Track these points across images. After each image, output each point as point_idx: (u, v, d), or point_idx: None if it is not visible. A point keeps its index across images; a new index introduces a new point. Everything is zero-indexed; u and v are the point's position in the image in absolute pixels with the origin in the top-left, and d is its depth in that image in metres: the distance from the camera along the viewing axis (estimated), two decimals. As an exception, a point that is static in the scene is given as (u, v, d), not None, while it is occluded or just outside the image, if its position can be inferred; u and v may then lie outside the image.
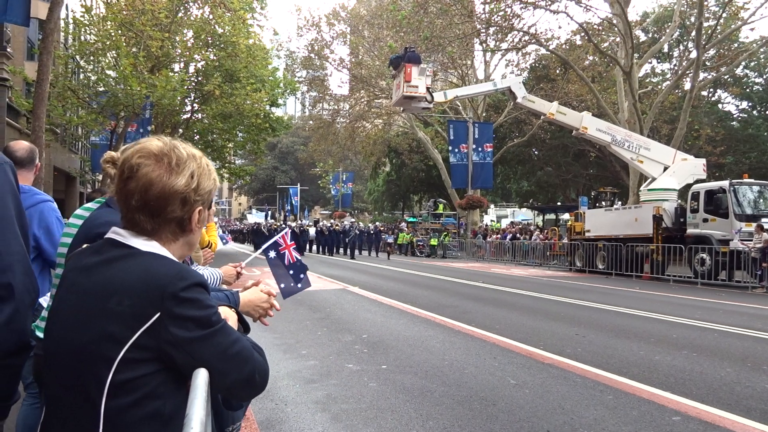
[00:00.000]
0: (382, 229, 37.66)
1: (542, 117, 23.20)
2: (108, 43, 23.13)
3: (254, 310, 1.96)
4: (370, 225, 39.15)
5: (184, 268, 1.36)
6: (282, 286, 2.47)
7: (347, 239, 34.21)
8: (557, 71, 36.65)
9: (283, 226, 39.00)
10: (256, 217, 69.21)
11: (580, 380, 5.76)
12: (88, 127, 24.35)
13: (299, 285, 2.52)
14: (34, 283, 1.53)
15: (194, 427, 1.11)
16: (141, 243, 1.38)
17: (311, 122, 52.45)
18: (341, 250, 36.24)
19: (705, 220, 17.77)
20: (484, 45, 32.29)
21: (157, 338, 1.28)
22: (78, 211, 2.38)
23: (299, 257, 2.55)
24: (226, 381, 1.37)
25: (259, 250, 2.58)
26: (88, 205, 2.40)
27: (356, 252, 33.68)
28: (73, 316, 1.33)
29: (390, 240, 35.01)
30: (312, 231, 38.26)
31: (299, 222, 40.62)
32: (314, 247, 38.15)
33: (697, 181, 19.94)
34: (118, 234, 1.40)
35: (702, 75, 29.10)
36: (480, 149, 33.39)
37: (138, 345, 1.27)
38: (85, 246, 1.46)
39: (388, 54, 29.52)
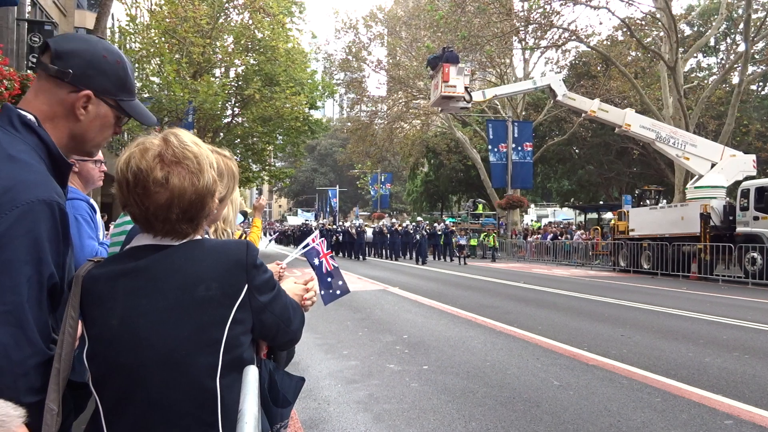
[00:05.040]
0: (453, 229, 32.33)
1: (583, 115, 22.76)
2: (152, 50, 23.78)
3: (295, 298, 2.02)
4: (436, 225, 33.61)
5: (242, 239, 1.46)
6: (322, 293, 2.53)
7: (413, 242, 29.67)
8: (598, 68, 35.93)
9: (336, 227, 37.61)
10: (302, 218, 69.97)
11: (626, 382, 5.65)
12: (134, 133, 24.99)
13: (338, 292, 2.57)
14: (29, 340, 1.27)
15: (248, 422, 1.14)
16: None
17: (349, 124, 52.67)
18: (401, 254, 31.48)
19: (756, 218, 17.17)
20: (523, 43, 31.91)
21: (249, 308, 1.38)
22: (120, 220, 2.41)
23: (336, 265, 2.59)
24: (291, 328, 1.53)
25: (297, 251, 2.62)
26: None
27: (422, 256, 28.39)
28: (157, 315, 1.32)
29: (463, 242, 29.42)
30: (369, 232, 33.90)
31: (353, 222, 38.79)
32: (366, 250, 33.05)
33: (747, 178, 19.26)
34: (161, 241, 1.39)
35: (751, 68, 28.16)
36: (519, 148, 32.99)
37: (236, 320, 1.35)
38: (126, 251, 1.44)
39: (426, 54, 29.40)
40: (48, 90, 1.45)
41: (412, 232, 30.87)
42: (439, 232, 31.12)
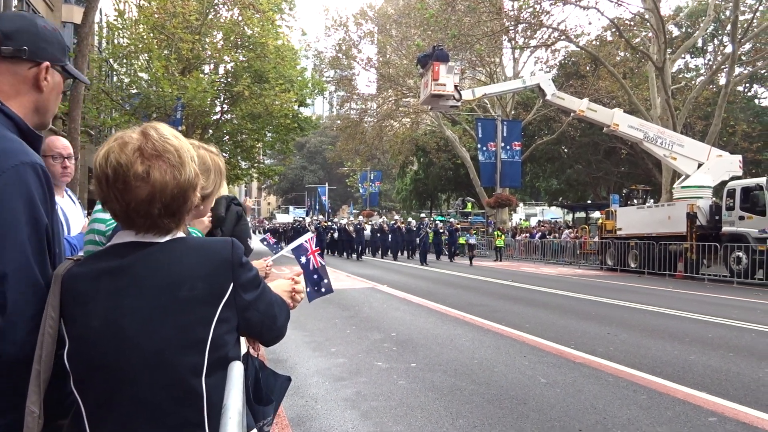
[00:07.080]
0: (458, 227, 30.83)
1: (572, 114, 22.87)
2: (140, 46, 23.59)
3: (283, 295, 2.01)
4: (439, 222, 31.54)
5: (227, 238, 1.43)
6: (308, 290, 2.54)
7: (417, 240, 28.02)
8: (587, 68, 36.10)
9: (331, 224, 37.07)
10: (294, 216, 69.70)
11: (612, 380, 5.69)
12: (122, 129, 24.81)
13: (323, 290, 2.58)
14: (39, 296, 1.35)
15: (232, 417, 1.14)
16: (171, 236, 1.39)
17: (339, 122, 52.63)
18: (398, 253, 29.85)
19: (741, 218, 17.34)
20: (513, 42, 32.01)
21: (234, 307, 1.36)
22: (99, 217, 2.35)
23: (323, 262, 2.60)
24: (276, 325, 1.51)
25: (287, 248, 2.63)
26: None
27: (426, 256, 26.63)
28: (141, 315, 1.29)
29: (472, 241, 27.69)
30: (368, 230, 32.16)
31: (350, 220, 37.82)
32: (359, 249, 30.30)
33: (733, 178, 19.44)
34: (144, 238, 1.36)
35: (738, 70, 28.39)
36: (508, 147, 33.08)
37: (221, 319, 1.33)
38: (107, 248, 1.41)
39: (416, 53, 29.38)
40: (6, 71, 1.47)
41: (415, 230, 29.52)
42: (442, 230, 30.00)
